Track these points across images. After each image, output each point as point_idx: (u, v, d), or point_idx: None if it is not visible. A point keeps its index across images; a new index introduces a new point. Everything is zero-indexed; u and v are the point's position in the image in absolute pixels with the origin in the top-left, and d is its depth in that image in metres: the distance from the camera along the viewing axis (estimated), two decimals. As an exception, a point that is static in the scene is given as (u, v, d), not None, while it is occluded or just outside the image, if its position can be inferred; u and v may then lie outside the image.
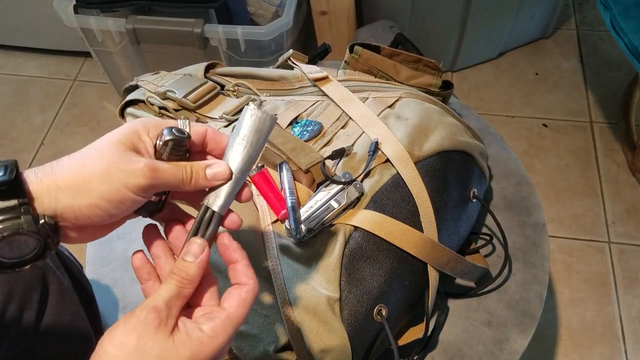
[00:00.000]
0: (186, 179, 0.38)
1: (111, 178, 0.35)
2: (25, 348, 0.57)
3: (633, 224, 1.27)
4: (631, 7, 1.04)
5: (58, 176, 0.35)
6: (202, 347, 0.35)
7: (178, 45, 1.21)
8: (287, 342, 0.52)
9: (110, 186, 0.35)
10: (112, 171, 0.35)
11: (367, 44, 0.72)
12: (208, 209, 0.39)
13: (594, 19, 1.70)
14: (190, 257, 0.37)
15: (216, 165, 0.40)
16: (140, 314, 0.34)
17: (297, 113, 0.67)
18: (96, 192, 0.35)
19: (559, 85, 1.55)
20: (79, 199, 0.35)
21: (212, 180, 0.39)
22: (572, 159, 1.39)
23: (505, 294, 0.68)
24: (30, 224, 0.34)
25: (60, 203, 0.35)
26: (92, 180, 0.35)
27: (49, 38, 1.63)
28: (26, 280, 0.57)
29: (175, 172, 0.38)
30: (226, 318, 0.36)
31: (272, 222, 0.56)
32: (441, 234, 0.60)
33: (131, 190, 0.36)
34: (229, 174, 0.40)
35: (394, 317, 0.57)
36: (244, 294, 0.37)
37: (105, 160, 0.35)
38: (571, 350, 1.10)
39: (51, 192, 0.35)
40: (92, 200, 0.35)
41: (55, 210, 0.35)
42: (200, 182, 0.39)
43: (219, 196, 0.39)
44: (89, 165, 0.35)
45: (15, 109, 1.60)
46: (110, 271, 0.71)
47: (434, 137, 0.62)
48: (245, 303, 0.37)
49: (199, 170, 0.39)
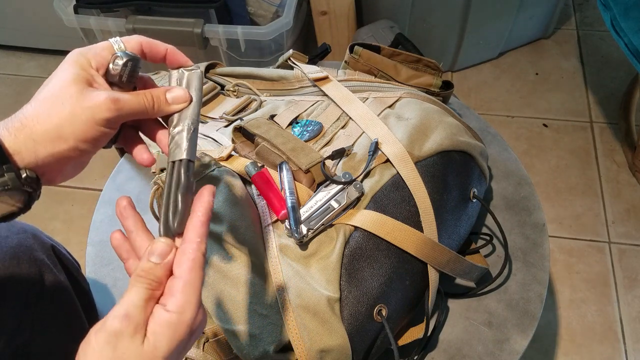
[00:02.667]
0: (149, 105, 0.40)
1: (79, 119, 0.37)
2: (21, 344, 0.57)
3: (633, 224, 1.27)
4: (631, 7, 1.04)
5: (31, 130, 0.37)
6: (175, 328, 0.33)
7: (178, 45, 1.20)
8: (287, 342, 0.52)
9: (82, 126, 0.37)
10: (78, 111, 0.37)
11: (367, 44, 0.72)
12: (175, 163, 0.39)
13: (594, 19, 1.70)
14: (156, 258, 0.35)
15: (175, 90, 0.41)
16: (113, 323, 0.33)
17: (297, 113, 0.67)
18: (71, 136, 0.37)
19: (559, 85, 1.55)
20: (57, 146, 0.37)
21: (173, 104, 0.41)
22: (572, 159, 1.39)
23: (505, 294, 0.68)
24: (14, 180, 0.36)
25: (41, 154, 0.37)
26: (62, 126, 0.37)
27: (49, 38, 1.63)
28: (23, 278, 0.57)
29: (137, 100, 0.40)
30: (184, 286, 0.34)
31: (272, 222, 0.56)
32: (441, 234, 0.60)
33: (101, 125, 0.37)
34: (188, 95, 0.41)
35: (394, 317, 0.57)
36: (191, 254, 0.35)
37: (67, 103, 0.37)
38: (571, 350, 1.10)
39: (29, 146, 0.36)
40: (69, 144, 0.37)
41: (37, 161, 0.37)
42: (162, 107, 0.41)
43: (179, 144, 0.39)
44: (54, 112, 0.37)
45: (15, 109, 1.58)
46: (110, 271, 0.71)
47: (434, 137, 0.62)
48: (195, 264, 0.35)
49: (159, 95, 0.41)
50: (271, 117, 0.66)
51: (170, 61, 0.43)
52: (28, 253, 0.59)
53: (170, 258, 0.36)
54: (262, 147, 0.61)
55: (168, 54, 0.43)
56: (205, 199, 0.37)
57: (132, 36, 0.42)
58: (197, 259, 0.35)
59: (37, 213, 1.10)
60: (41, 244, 0.63)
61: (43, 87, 0.39)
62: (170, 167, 0.39)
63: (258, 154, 0.62)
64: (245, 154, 0.63)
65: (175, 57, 0.43)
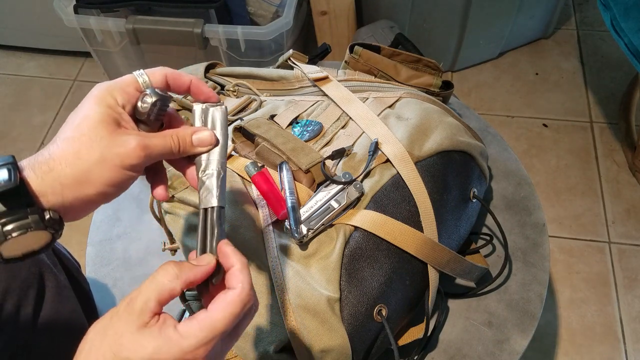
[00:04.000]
0: (175, 148, 0.40)
1: (109, 164, 0.37)
2: (22, 344, 0.57)
3: (633, 224, 1.27)
4: (631, 7, 1.04)
5: (58, 173, 0.36)
6: (168, 344, 0.33)
7: (178, 45, 1.21)
8: (287, 342, 0.52)
9: (110, 172, 0.37)
10: (108, 157, 0.37)
11: (367, 44, 0.72)
12: (207, 210, 0.39)
13: (594, 19, 1.70)
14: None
15: (200, 132, 0.41)
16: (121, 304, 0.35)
17: (297, 113, 0.67)
18: (99, 181, 0.37)
19: (559, 85, 1.55)
20: (84, 191, 0.37)
21: (198, 146, 0.41)
22: (572, 159, 1.39)
23: (505, 294, 0.68)
24: (38, 222, 0.35)
25: (67, 198, 0.36)
26: (91, 170, 0.36)
27: (49, 38, 1.63)
28: (23, 277, 0.57)
29: (164, 144, 0.39)
30: (203, 319, 0.34)
31: (272, 222, 0.56)
32: (441, 234, 0.60)
33: (129, 170, 0.37)
34: (214, 138, 0.41)
35: (394, 317, 0.57)
36: (229, 297, 0.35)
37: (97, 147, 0.36)
38: (571, 350, 1.10)
39: (56, 190, 0.36)
40: (97, 189, 0.37)
41: (63, 203, 0.36)
42: (187, 149, 0.41)
43: (210, 190, 0.40)
44: (83, 155, 0.36)
45: (15, 109, 1.60)
46: (110, 271, 0.72)
47: (434, 137, 0.62)
48: (229, 307, 0.35)
49: (185, 136, 0.41)
50: (271, 117, 0.66)
51: (194, 93, 0.43)
52: None
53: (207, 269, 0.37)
54: (262, 147, 0.61)
55: (192, 85, 0.42)
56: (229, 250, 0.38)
57: (157, 68, 0.41)
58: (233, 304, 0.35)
59: (37, 213, 1.10)
60: None
61: (67, 123, 0.38)
62: (203, 214, 0.40)
63: (258, 154, 0.62)
64: (245, 154, 0.63)
65: (199, 89, 0.43)
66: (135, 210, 0.78)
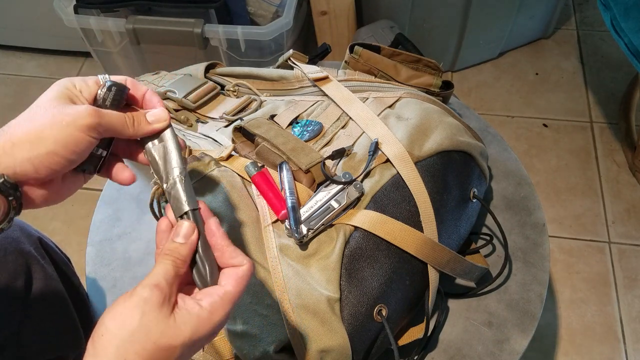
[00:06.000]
0: (129, 122, 0.41)
1: (60, 123, 0.37)
2: (10, 334, 0.58)
3: (633, 224, 1.27)
4: (631, 7, 1.04)
5: (11, 134, 0.37)
6: (201, 322, 0.36)
7: (178, 45, 1.21)
8: (287, 342, 0.52)
9: (61, 130, 0.37)
10: (59, 117, 0.37)
11: (367, 44, 0.72)
12: (183, 217, 0.40)
13: (594, 19, 1.70)
14: (181, 238, 0.38)
15: (154, 110, 0.43)
16: (143, 291, 0.35)
17: (297, 113, 0.67)
18: (50, 139, 0.37)
19: (559, 85, 1.55)
20: (35, 149, 0.37)
21: (154, 123, 0.42)
22: (572, 159, 1.39)
23: (505, 294, 0.68)
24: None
25: (18, 158, 0.37)
26: (43, 130, 0.37)
27: (49, 38, 1.63)
28: (10, 269, 0.58)
29: (118, 115, 0.41)
30: (224, 294, 0.37)
31: (272, 222, 0.56)
32: (441, 234, 0.60)
33: (81, 131, 0.38)
34: (167, 115, 0.43)
35: (394, 317, 0.57)
36: (240, 272, 0.38)
37: (49, 112, 0.38)
38: (571, 350, 1.10)
39: (7, 150, 0.37)
40: (48, 148, 0.37)
41: (15, 166, 0.37)
42: (142, 127, 0.42)
43: (178, 198, 0.41)
44: (36, 118, 0.38)
45: (15, 109, 1.60)
46: (110, 271, 0.71)
47: (434, 137, 0.62)
48: (242, 281, 0.38)
49: (140, 115, 0.42)
50: (271, 117, 0.66)
51: (145, 103, 0.45)
52: (14, 245, 0.60)
53: (194, 238, 0.39)
54: (262, 147, 0.61)
55: (146, 95, 0.44)
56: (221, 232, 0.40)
57: (121, 76, 0.44)
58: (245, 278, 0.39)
59: (38, 213, 1.10)
60: (28, 236, 0.63)
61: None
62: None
63: (258, 154, 0.62)
64: (245, 154, 0.63)
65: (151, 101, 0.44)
66: (135, 210, 0.78)
